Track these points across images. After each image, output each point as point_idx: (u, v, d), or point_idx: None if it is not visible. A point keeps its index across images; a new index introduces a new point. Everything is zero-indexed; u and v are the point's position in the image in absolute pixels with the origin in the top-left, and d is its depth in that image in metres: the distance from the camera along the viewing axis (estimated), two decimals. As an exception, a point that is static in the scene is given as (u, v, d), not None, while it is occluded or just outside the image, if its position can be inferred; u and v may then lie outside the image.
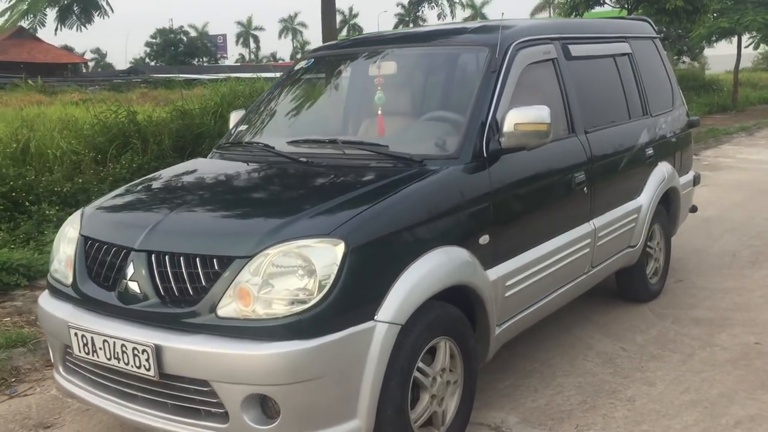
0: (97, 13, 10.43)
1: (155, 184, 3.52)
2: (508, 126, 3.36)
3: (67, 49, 67.43)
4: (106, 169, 8.13)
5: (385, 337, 2.71)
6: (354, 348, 2.65)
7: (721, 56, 33.24)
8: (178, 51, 71.99)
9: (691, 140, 5.73)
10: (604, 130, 4.39)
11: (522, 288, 3.56)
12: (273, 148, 3.66)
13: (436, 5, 17.11)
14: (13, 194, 6.97)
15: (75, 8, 10.06)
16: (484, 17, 59.76)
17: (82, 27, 10.34)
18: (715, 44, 23.04)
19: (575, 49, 4.26)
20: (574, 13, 15.90)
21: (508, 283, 3.45)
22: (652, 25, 5.53)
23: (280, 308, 2.60)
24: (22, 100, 25.96)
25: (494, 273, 3.35)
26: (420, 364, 2.94)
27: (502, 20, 3.96)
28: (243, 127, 4.08)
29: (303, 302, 2.59)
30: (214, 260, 2.69)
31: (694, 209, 5.95)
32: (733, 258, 6.22)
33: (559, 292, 3.97)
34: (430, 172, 3.18)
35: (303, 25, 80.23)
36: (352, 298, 2.66)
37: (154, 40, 73.37)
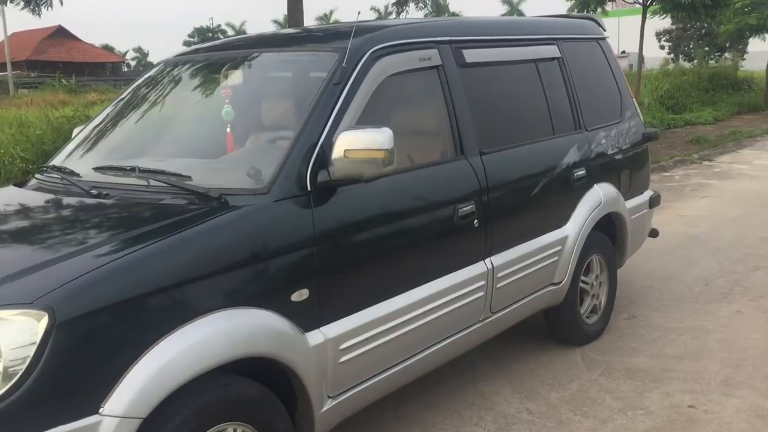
0: (42, 3, 10.07)
1: None
2: (337, 152, 2.71)
3: (108, 48, 68.18)
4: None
5: (114, 436, 2.10)
6: (64, 453, 2.04)
7: (761, 53, 31.78)
8: (214, 50, 72.10)
9: (646, 156, 4.97)
10: (510, 150, 3.70)
11: (369, 349, 2.91)
12: (78, 175, 3.07)
13: (425, 5, 16.23)
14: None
15: None
16: (521, 14, 58.28)
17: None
18: (745, 41, 21.73)
19: (472, 54, 3.58)
20: (585, 11, 15.03)
21: (345, 345, 2.79)
22: (599, 24, 4.79)
23: None
24: (45, 100, 26.01)
25: (319, 335, 2.71)
26: (187, 461, 2.32)
27: (361, 20, 3.29)
28: (71, 146, 3.50)
29: (-10, 394, 1.99)
30: None
31: (654, 234, 5.19)
32: (705, 288, 5.44)
33: (438, 347, 3.30)
34: (225, 211, 2.54)
35: (339, 23, 79.54)
36: (61, 387, 2.05)
37: (191, 39, 73.72)
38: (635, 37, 14.61)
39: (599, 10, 17.28)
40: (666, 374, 4.00)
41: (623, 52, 40.30)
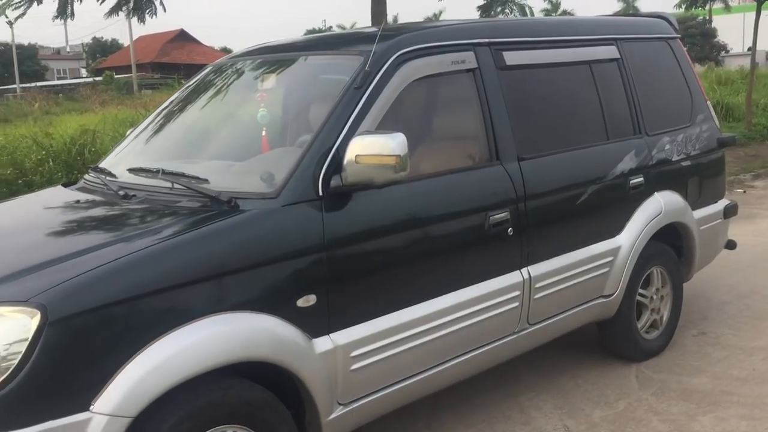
0: (147, 11, 10.52)
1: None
2: (349, 157, 2.68)
3: (225, 51, 70.93)
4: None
5: (103, 433, 2.16)
6: (53, 449, 2.11)
7: None
8: (326, 50, 73.45)
9: (721, 163, 4.63)
10: (553, 156, 3.55)
11: (385, 358, 2.86)
12: (114, 176, 3.18)
13: (510, 11, 15.70)
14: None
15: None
16: (636, 11, 56.01)
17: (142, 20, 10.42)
18: None
19: (513, 57, 3.46)
20: (693, 7, 14.28)
21: (357, 353, 2.76)
22: (671, 23, 4.52)
23: None
24: (161, 100, 27.38)
25: (328, 342, 2.69)
26: (181, 463, 2.35)
27: (394, 24, 3.25)
28: (120, 147, 3.64)
29: (-15, 388, 2.08)
30: None
31: (731, 246, 4.84)
32: (789, 306, 5.05)
33: (466, 357, 3.21)
34: (231, 215, 2.57)
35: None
36: (52, 383, 2.12)
37: (304, 41, 75.39)
38: (764, 34, 13.73)
39: (720, 5, 16.42)
40: (725, 397, 3.73)
41: (749, 49, 38.21)
